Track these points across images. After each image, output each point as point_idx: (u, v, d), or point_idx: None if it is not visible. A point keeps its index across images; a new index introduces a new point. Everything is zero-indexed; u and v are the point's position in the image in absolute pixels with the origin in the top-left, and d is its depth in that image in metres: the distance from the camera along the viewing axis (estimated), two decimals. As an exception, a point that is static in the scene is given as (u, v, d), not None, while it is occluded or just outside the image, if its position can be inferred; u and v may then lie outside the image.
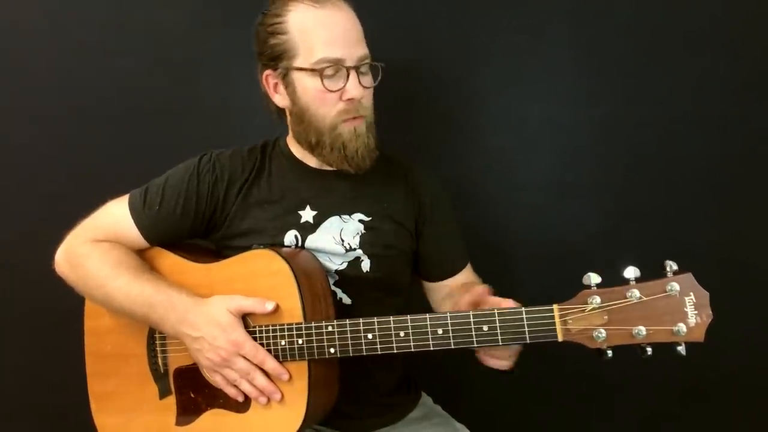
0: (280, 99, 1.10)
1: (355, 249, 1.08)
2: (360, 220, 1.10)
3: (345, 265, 1.08)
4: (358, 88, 1.03)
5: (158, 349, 1.07)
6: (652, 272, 0.83)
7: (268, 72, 1.09)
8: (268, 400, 0.96)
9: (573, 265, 1.42)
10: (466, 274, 1.20)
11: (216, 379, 0.99)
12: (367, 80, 1.06)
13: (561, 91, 1.44)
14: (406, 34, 1.47)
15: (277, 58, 1.05)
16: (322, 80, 1.02)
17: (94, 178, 1.49)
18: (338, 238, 1.08)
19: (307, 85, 1.04)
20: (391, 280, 1.12)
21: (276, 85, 1.09)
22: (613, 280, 0.84)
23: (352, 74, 1.02)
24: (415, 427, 1.14)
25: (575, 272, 1.43)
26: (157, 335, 1.08)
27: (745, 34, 1.39)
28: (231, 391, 0.98)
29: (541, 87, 1.45)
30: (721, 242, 1.40)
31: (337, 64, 1.01)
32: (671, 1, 1.39)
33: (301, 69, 1.03)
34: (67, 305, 1.40)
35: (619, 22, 1.42)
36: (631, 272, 0.82)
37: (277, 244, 1.06)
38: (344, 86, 1.02)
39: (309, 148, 1.09)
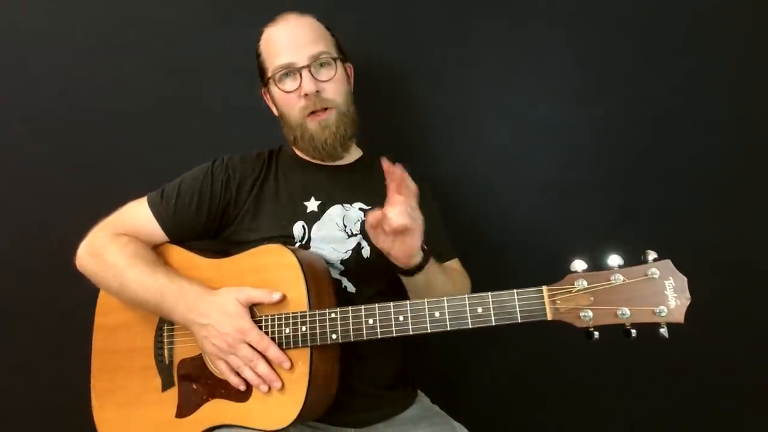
0: (274, 109, 1.31)
1: (356, 234, 1.19)
2: (360, 208, 1.22)
3: (349, 253, 1.19)
4: (310, 84, 1.19)
5: (165, 341, 1.15)
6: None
7: (263, 89, 1.31)
8: (269, 388, 1.02)
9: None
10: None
11: (220, 367, 1.06)
12: (324, 74, 1.22)
13: (561, 91, 1.50)
14: (407, 35, 1.53)
15: (262, 75, 1.29)
16: (277, 85, 1.23)
17: (96, 177, 1.55)
18: (341, 224, 1.20)
19: (275, 93, 1.25)
20: (389, 268, 1.18)
21: (268, 98, 1.30)
22: (602, 262, 0.93)
23: (304, 72, 1.20)
24: (413, 426, 1.19)
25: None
26: (165, 327, 1.16)
27: (746, 33, 1.44)
28: (233, 380, 1.05)
29: (542, 86, 1.50)
30: (721, 242, 1.45)
31: (288, 68, 1.21)
32: (671, 0, 1.45)
33: (270, 80, 1.24)
34: (68, 305, 1.44)
35: (620, 22, 1.47)
36: (614, 260, 0.92)
37: (285, 236, 1.17)
38: (300, 85, 1.19)
39: (295, 145, 1.26)
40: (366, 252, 1.19)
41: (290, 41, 1.21)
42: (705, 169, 1.45)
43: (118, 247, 1.14)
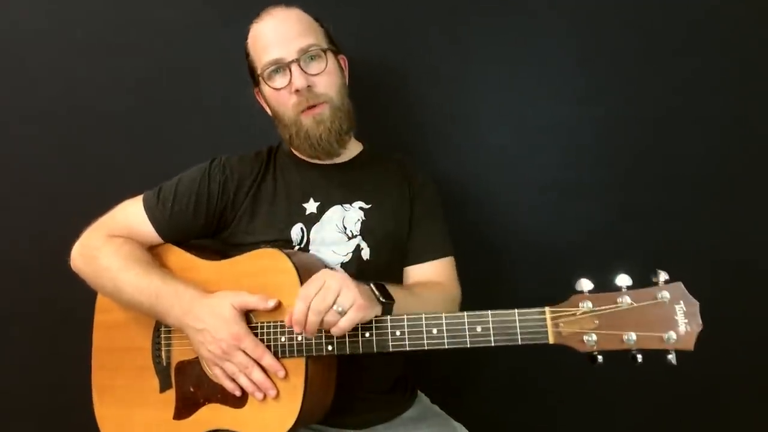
0: (268, 109, 1.24)
1: (356, 236, 1.17)
2: (360, 208, 1.19)
3: (349, 256, 1.17)
4: (300, 78, 1.14)
5: (163, 342, 1.15)
6: (646, 275, 0.87)
7: (255, 89, 1.27)
8: (264, 396, 1.02)
9: (573, 264, 1.47)
10: (439, 271, 1.23)
11: (216, 373, 1.06)
12: (315, 67, 1.17)
13: (561, 91, 1.50)
14: (407, 33, 1.53)
15: (252, 75, 1.24)
16: (267, 82, 1.18)
17: (95, 177, 1.55)
18: (341, 225, 1.17)
19: (267, 91, 1.21)
20: (389, 269, 1.20)
21: (261, 98, 1.24)
22: (610, 281, 0.88)
23: (294, 67, 1.15)
24: (413, 426, 1.19)
25: (575, 272, 1.46)
26: (162, 329, 1.15)
27: (746, 33, 1.44)
28: (229, 385, 1.04)
29: (542, 86, 1.50)
30: (721, 242, 1.44)
31: (277, 63, 1.16)
32: (671, 1, 1.44)
33: (260, 78, 1.20)
34: (68, 305, 1.45)
35: (620, 22, 1.47)
36: (622, 280, 0.86)
37: (283, 239, 1.15)
38: (290, 80, 1.15)
39: (291, 144, 1.22)
40: (366, 254, 1.17)
41: (277, 36, 1.16)
42: (705, 169, 1.45)
43: (112, 249, 1.13)
